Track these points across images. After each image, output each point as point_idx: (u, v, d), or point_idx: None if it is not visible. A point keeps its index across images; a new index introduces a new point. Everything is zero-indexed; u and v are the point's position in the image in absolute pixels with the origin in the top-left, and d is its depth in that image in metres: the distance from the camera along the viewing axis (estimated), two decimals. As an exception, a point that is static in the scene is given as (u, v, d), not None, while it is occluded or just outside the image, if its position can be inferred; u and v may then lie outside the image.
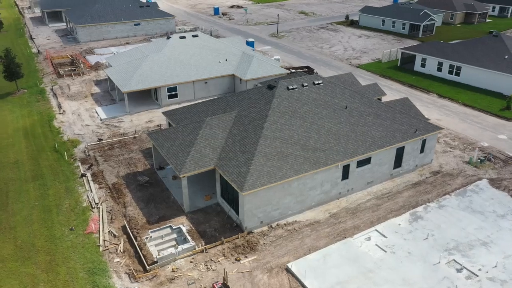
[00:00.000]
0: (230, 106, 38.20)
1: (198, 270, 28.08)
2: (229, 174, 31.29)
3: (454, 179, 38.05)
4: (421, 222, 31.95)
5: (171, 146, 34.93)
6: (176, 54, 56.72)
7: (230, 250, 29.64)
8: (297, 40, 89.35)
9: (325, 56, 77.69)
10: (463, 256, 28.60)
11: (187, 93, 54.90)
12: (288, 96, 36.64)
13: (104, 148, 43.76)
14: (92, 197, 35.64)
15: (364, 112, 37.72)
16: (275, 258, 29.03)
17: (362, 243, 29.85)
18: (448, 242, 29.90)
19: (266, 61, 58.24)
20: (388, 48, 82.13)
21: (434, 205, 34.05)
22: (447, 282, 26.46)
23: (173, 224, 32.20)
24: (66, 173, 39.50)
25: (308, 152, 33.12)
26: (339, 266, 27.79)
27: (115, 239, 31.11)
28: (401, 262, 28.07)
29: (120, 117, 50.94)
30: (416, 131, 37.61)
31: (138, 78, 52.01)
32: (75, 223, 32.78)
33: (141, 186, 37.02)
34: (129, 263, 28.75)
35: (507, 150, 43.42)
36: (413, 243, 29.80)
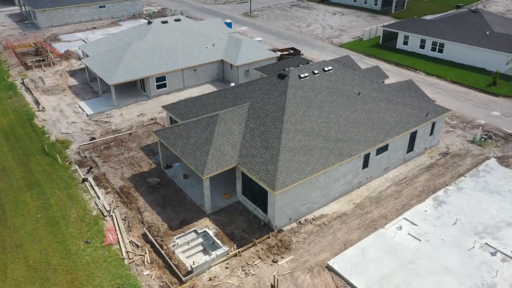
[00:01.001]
0: (240, 98, 36.34)
1: (236, 276, 26.86)
2: (255, 173, 29.86)
3: (463, 160, 38.70)
4: (445, 207, 32.26)
5: (185, 145, 32.84)
6: (160, 41, 53.36)
7: (264, 252, 28.57)
8: (272, 19, 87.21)
9: (304, 35, 76.35)
10: (494, 238, 29.19)
11: (176, 82, 52.07)
12: (301, 85, 35.30)
13: (99, 147, 40.72)
14: (101, 204, 33.11)
15: (377, 98, 37.17)
16: (312, 256, 28.31)
17: (395, 233, 29.72)
18: (475, 225, 30.40)
19: (255, 45, 56.18)
20: (364, 25, 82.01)
21: (453, 188, 34.48)
22: (485, 267, 26.92)
23: (197, 227, 30.60)
24: (64, 178, 36.41)
25: (331, 144, 32.24)
26: (378, 259, 27.51)
27: (138, 249, 29.10)
28: (437, 250, 28.23)
29: (108, 112, 47.56)
30: (427, 115, 37.65)
31: (124, 69, 48.52)
32: (89, 235, 30.33)
33: (152, 187, 34.81)
34: (161, 275, 27.00)
35: (504, 126, 44.70)
36: (443, 229, 30.03)
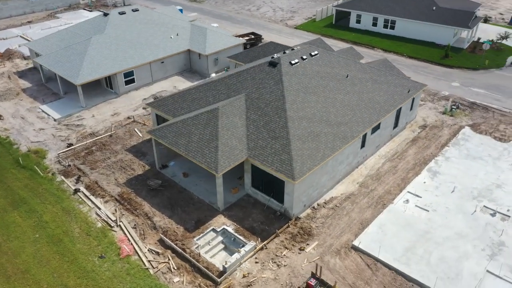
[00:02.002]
0: (233, 90, 35.54)
1: (269, 269, 26.86)
2: (270, 164, 29.70)
3: (441, 131, 41.45)
4: (440, 177, 34.54)
5: (188, 143, 31.67)
6: (122, 34, 50.20)
7: (289, 241, 28.79)
8: (220, 3, 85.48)
9: (257, 19, 75.95)
10: (489, 201, 31.91)
11: (144, 76, 49.54)
12: (294, 72, 35.34)
13: (80, 154, 37.93)
14: (104, 214, 31.11)
15: (363, 79, 38.33)
16: (335, 239, 29.06)
17: (404, 207, 31.37)
18: (471, 191, 32.98)
19: (220, 32, 54.93)
20: (312, 6, 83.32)
21: (441, 158, 36.93)
22: (490, 227, 29.45)
23: (214, 226, 29.95)
24: (52, 191, 33.56)
25: (334, 128, 32.88)
26: (397, 234, 28.96)
27: (160, 256, 27.92)
28: (446, 218, 30.30)
29: (77, 114, 44.22)
30: (409, 91, 39.63)
31: (89, 66, 45.15)
32: (101, 249, 28.48)
33: (153, 190, 33.29)
34: (192, 280, 26.23)
35: (466, 96, 48.35)
36: (445, 198, 32.22)
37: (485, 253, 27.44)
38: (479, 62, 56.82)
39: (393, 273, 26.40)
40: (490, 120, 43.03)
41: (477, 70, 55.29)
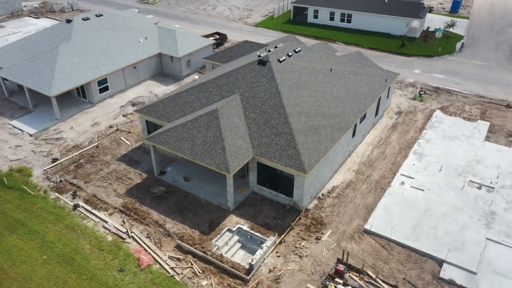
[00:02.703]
0: (225, 90, 35.74)
1: (292, 261, 27.70)
2: (278, 160, 30.46)
3: (415, 116, 44.41)
4: (426, 158, 37.19)
5: (193, 146, 31.55)
6: (89, 40, 48.26)
7: (304, 232, 29.79)
8: (173, 4, 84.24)
9: (215, 18, 75.92)
10: (473, 175, 34.95)
11: (118, 83, 48.09)
12: (284, 69, 36.27)
13: (69, 168, 36.32)
14: (113, 227, 30.22)
15: (345, 72, 40.11)
16: (346, 225, 30.50)
17: (402, 188, 33.53)
18: (455, 168, 35.89)
19: (189, 34, 54.53)
20: (266, 3, 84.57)
21: (422, 140, 39.69)
22: (480, 199, 32.36)
23: (228, 226, 30.23)
24: (49, 210, 31.96)
25: (330, 120, 34.27)
26: (402, 214, 30.98)
27: (181, 262, 27.75)
28: (440, 195, 32.83)
29: (54, 127, 42.10)
30: (386, 80, 42.05)
31: (61, 76, 43.07)
32: (118, 262, 27.75)
33: (158, 198, 32.79)
34: (220, 281, 26.43)
35: (428, 81, 51.99)
36: (435, 177, 34.82)
37: (481, 222, 30.22)
38: (432, 50, 61.18)
39: (407, 250, 28.33)
40: (456, 103, 46.78)
41: (432, 57, 59.51)
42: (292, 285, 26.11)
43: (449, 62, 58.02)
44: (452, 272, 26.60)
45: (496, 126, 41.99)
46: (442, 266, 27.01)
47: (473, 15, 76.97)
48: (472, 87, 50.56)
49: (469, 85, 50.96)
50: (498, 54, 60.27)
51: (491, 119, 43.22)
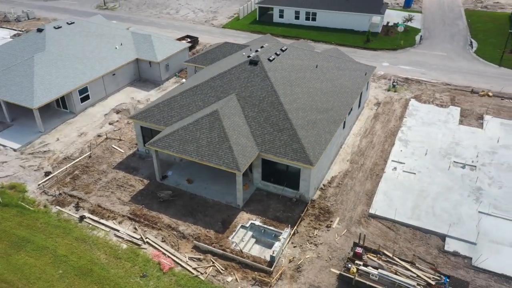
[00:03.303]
0: (221, 91, 36.32)
1: (309, 250, 28.95)
2: (284, 155, 31.58)
3: (393, 105, 47.16)
4: (411, 144, 39.77)
5: (198, 148, 31.94)
6: (65, 49, 46.91)
7: (315, 222, 31.13)
8: (134, 9, 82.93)
9: (181, 21, 75.72)
10: (456, 156, 37.90)
11: (98, 91, 47.12)
12: (275, 68, 37.44)
13: (64, 180, 35.42)
14: (126, 235, 30.00)
15: (329, 67, 41.94)
16: (352, 211, 32.19)
17: (395, 173, 35.76)
18: (439, 151, 38.70)
19: (164, 38, 54.33)
20: (228, 4, 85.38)
21: (405, 128, 42.31)
22: (466, 178, 35.24)
23: (241, 223, 30.97)
24: (54, 224, 31.12)
25: (324, 114, 35.83)
26: (401, 197, 33.13)
27: (202, 262, 28.16)
28: (430, 177, 35.38)
29: (38, 141, 40.66)
30: (366, 74, 44.37)
31: (41, 87, 41.66)
32: (138, 269, 27.69)
33: (165, 202, 32.85)
34: (244, 276, 27.15)
35: (398, 73, 55.19)
36: (422, 160, 37.39)
37: (471, 198, 33.01)
38: (395, 43, 64.81)
39: (411, 229, 30.45)
40: (426, 91, 50.15)
41: (396, 50, 63.07)
42: (314, 272, 27.38)
43: (412, 54, 61.79)
44: (454, 245, 29.00)
45: (466, 111, 45.59)
46: (445, 241, 29.36)
47: (425, 9, 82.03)
48: (437, 76, 54.33)
49: (434, 75, 54.71)
50: (454, 44, 64.90)
51: (461, 104, 46.84)
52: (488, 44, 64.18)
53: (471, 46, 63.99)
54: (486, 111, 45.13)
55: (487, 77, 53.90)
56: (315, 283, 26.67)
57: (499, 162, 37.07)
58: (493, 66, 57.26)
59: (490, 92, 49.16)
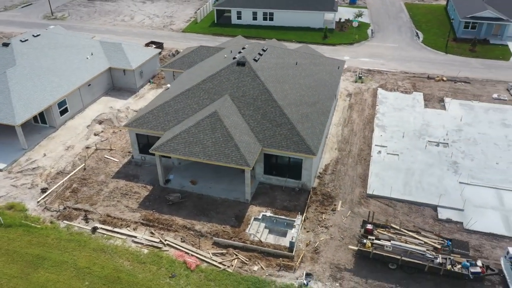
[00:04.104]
0: (213, 93, 37.49)
1: (321, 232, 31.18)
2: (286, 148, 33.57)
3: (363, 95, 50.81)
4: (388, 128, 43.39)
5: (204, 149, 33.02)
6: (36, 62, 45.45)
7: (321, 207, 33.44)
8: (86, 18, 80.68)
9: (139, 28, 75.05)
10: (429, 136, 42.00)
11: (76, 103, 46.21)
12: (261, 67, 39.27)
13: (64, 195, 34.87)
14: (144, 240, 30.43)
15: (307, 64, 44.48)
16: (351, 194, 34.89)
17: (381, 156, 39.03)
18: (413, 133, 42.62)
19: (134, 46, 54.12)
20: (183, 8, 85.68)
21: (380, 115, 45.95)
22: (442, 154, 39.32)
23: (253, 215, 32.54)
24: (66, 238, 30.77)
25: (313, 107, 38.23)
26: (391, 177, 36.38)
27: (226, 256, 29.41)
28: (412, 156, 39.07)
29: (24, 158, 39.36)
30: (338, 67, 47.48)
31: (20, 103, 40.30)
32: (165, 271, 28.39)
33: (174, 205, 33.55)
34: (268, 263, 28.81)
35: (359, 65, 59.13)
36: (401, 142, 41.05)
37: (450, 172, 37.03)
38: (351, 38, 69.11)
39: (406, 204, 33.74)
40: (389, 80, 54.46)
41: (353, 44, 67.32)
42: (331, 252, 29.68)
43: (368, 47, 66.33)
44: (446, 213, 32.65)
45: (427, 95, 50.29)
46: (437, 210, 32.94)
47: (369, 4, 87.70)
48: (395, 66, 59.01)
49: (392, 65, 59.36)
50: (402, 36, 70.44)
51: (422, 90, 51.55)
52: (432, 34, 70.45)
53: (417, 37, 69.88)
54: (445, 94, 50.15)
55: (437, 64, 59.46)
56: (334, 261, 29.00)
57: (466, 137, 41.71)
58: (441, 53, 63.18)
59: (444, 77, 54.52)
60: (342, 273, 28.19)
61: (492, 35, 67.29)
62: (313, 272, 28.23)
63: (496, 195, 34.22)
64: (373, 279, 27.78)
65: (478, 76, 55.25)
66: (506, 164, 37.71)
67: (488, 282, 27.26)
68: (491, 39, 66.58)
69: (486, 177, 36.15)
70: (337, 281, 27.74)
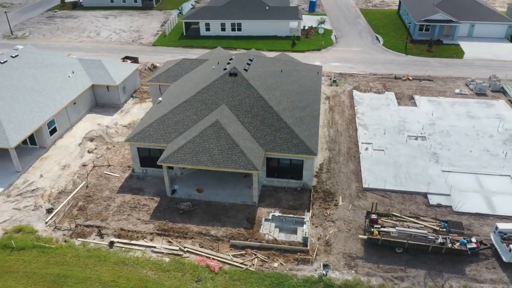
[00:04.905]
0: (211, 103, 38.96)
1: (329, 226, 33.48)
2: (288, 151, 35.72)
3: (341, 97, 54.08)
4: (370, 127, 46.74)
5: (211, 157, 34.44)
6: (20, 83, 44.74)
7: (324, 203, 35.80)
8: (49, 36, 79.04)
9: (107, 43, 74.67)
10: (407, 131, 45.77)
11: (63, 122, 45.88)
12: (252, 76, 41.27)
13: (72, 213, 34.90)
14: (164, 249, 31.29)
15: (290, 71, 47.00)
16: (348, 189, 37.58)
17: (369, 153, 42.15)
18: (393, 129, 46.24)
19: (114, 62, 54.34)
20: (147, 22, 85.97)
21: (359, 115, 49.27)
22: (422, 147, 43.07)
23: (263, 216, 34.31)
24: (84, 255, 30.99)
25: (304, 111, 40.63)
26: (382, 170, 39.49)
27: (245, 256, 30.94)
28: (396, 150, 42.51)
29: (21, 180, 38.76)
30: (318, 73, 50.42)
31: (11, 125, 39.67)
32: (190, 276, 29.48)
33: (185, 213, 34.62)
34: (287, 259, 30.67)
35: (332, 69, 62.53)
36: (384, 139, 44.46)
37: (432, 162, 40.76)
38: (317, 44, 72.79)
39: (399, 194, 36.88)
40: (361, 82, 58.26)
41: (320, 50, 70.99)
42: (341, 243, 32.07)
43: (335, 52, 70.24)
44: (435, 199, 36.11)
45: (398, 94, 54.47)
46: (427, 197, 36.33)
47: (327, 11, 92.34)
48: (363, 68, 63.11)
49: (361, 67, 63.42)
50: (364, 40, 75.14)
51: (392, 89, 55.72)
52: (390, 37, 75.72)
53: (378, 40, 74.86)
54: (414, 92, 54.57)
55: (400, 65, 64.26)
56: (346, 251, 31.40)
57: (439, 130, 45.90)
58: (402, 55, 68.25)
59: (410, 77, 59.17)
60: (355, 261, 30.65)
61: (444, 36, 73.54)
62: (329, 263, 30.47)
63: (476, 180, 38.25)
64: (384, 263, 30.46)
65: (439, 74, 60.44)
66: (479, 152, 42.08)
67: (482, 255, 30.76)
68: (444, 39, 72.78)
69: (464, 164, 40.22)
70: (352, 268, 30.14)
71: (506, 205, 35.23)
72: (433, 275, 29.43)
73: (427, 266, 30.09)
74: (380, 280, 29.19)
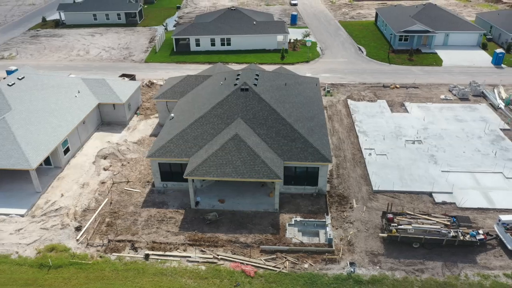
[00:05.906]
0: (226, 117, 40.97)
1: (349, 228, 35.99)
2: (305, 159, 38.15)
3: (336, 106, 57.20)
4: (369, 133, 49.91)
5: (235, 169, 36.39)
6: (31, 105, 45.30)
7: (340, 206, 38.34)
8: (36, 55, 78.86)
9: (99, 61, 75.32)
10: (404, 136, 49.22)
11: (75, 141, 46.67)
12: (262, 90, 43.64)
13: (101, 229, 35.91)
14: (198, 257, 32.87)
15: (292, 84, 49.67)
16: (359, 192, 40.32)
17: (373, 157, 45.17)
18: (390, 134, 49.58)
19: (117, 80, 55.42)
20: (135, 39, 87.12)
21: (358, 122, 52.46)
22: (420, 150, 46.50)
23: (286, 222, 36.47)
24: (122, 268, 32.15)
25: (312, 122, 43.27)
26: (388, 173, 42.50)
27: (276, 260, 32.94)
28: (397, 154, 45.75)
29: (41, 201, 39.35)
30: (316, 84, 53.34)
31: (29, 147, 40.27)
32: (228, 282, 31.19)
33: (212, 223, 36.31)
34: (315, 260, 32.89)
35: (324, 80, 65.79)
36: (384, 144, 47.68)
37: (431, 163, 44.20)
38: (305, 56, 76.11)
39: (407, 194, 39.95)
40: (353, 91, 61.70)
41: (308, 62, 74.29)
42: (362, 242, 34.64)
43: (322, 63, 73.71)
44: (440, 197, 39.37)
45: (390, 101, 58.16)
46: (432, 196, 39.56)
47: (308, 24, 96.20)
48: (353, 78, 66.71)
49: (350, 78, 67.00)
50: (348, 51, 79.11)
51: (383, 97, 59.39)
52: (372, 48, 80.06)
53: (361, 51, 79.00)
54: (403, 99, 58.41)
55: (386, 74, 68.32)
56: (368, 249, 33.98)
57: (433, 134, 49.63)
58: (385, 64, 72.46)
59: (397, 85, 63.15)
60: (378, 258, 33.27)
61: (422, 45, 78.50)
62: (355, 260, 32.94)
63: (472, 178, 41.89)
64: (404, 258, 33.21)
65: (423, 81, 64.78)
66: (471, 152, 45.94)
67: (490, 245, 34.06)
68: (422, 48, 77.71)
69: (460, 164, 43.86)
70: (376, 264, 32.73)
71: (502, 199, 38.92)
72: (449, 266, 32.43)
73: (442, 258, 33.08)
74: (403, 274, 31.91)
